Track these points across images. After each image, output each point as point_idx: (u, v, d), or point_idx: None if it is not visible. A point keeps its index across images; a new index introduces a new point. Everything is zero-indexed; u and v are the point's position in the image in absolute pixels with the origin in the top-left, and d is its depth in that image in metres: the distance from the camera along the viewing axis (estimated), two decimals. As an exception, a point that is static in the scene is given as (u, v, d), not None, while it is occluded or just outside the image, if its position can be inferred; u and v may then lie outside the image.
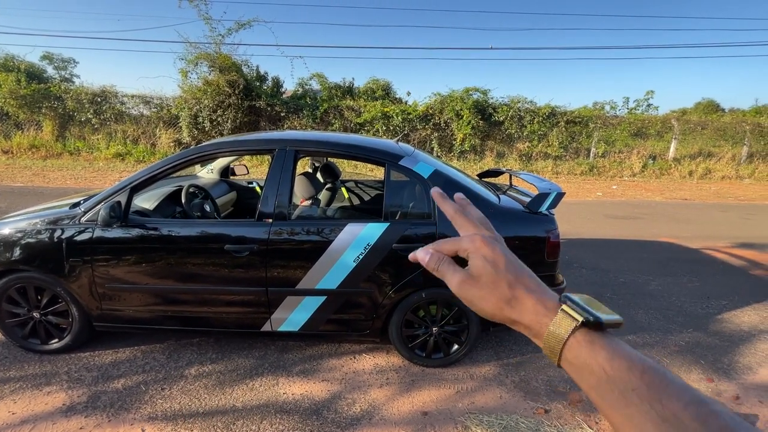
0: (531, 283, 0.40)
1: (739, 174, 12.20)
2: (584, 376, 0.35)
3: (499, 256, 0.41)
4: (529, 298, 0.39)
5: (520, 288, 0.40)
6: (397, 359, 2.60)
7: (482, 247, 0.42)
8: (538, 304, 0.39)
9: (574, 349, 0.35)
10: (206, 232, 2.37)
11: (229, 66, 10.92)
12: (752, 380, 2.51)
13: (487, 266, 0.41)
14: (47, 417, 2.02)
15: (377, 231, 2.30)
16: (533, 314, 0.38)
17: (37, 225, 2.38)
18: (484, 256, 0.41)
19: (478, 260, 0.41)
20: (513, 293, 0.39)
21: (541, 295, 0.39)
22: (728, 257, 4.86)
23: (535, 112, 11.85)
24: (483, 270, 0.41)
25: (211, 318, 2.47)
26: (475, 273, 0.41)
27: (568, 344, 0.36)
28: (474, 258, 0.42)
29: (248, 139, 2.81)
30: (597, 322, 0.35)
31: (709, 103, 26.99)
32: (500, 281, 0.40)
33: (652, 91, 13.12)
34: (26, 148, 10.98)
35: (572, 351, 0.35)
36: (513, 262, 0.42)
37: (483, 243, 0.42)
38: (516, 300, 0.39)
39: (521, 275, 0.41)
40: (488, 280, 0.40)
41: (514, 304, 0.39)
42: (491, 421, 2.10)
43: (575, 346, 0.35)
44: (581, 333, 0.35)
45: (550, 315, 0.38)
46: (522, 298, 0.39)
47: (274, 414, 2.10)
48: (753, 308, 3.50)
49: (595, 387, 0.34)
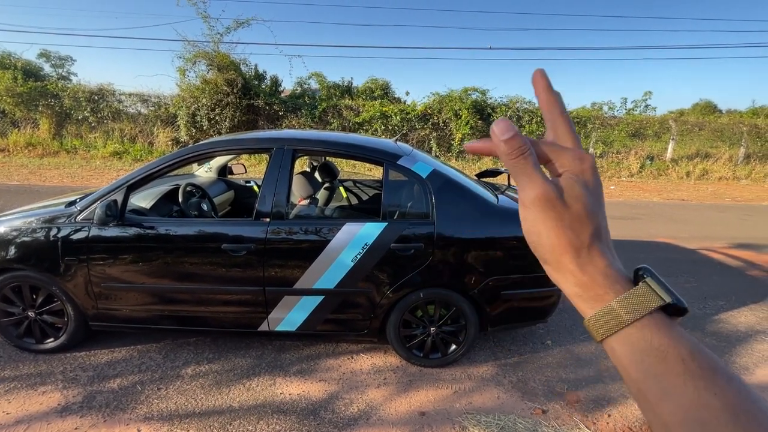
0: (610, 242, 0.34)
1: (736, 175, 12.25)
2: (649, 362, 0.30)
3: (601, 192, 0.34)
4: (603, 258, 0.33)
5: (599, 242, 0.33)
6: (394, 359, 2.60)
7: (588, 171, 0.33)
8: (609, 267, 0.33)
9: (647, 330, 0.30)
10: (203, 231, 2.36)
11: (228, 65, 10.87)
12: (749, 380, 2.52)
13: (589, 198, 0.32)
14: (42, 417, 2.01)
15: (375, 230, 2.29)
16: (602, 275, 0.32)
17: (33, 224, 2.36)
18: (586, 183, 0.33)
19: (580, 186, 0.33)
20: (591, 242, 0.32)
21: (613, 261, 0.33)
22: (725, 258, 4.87)
23: (534, 112, 11.86)
24: (582, 199, 0.32)
25: (208, 317, 2.45)
26: (571, 197, 0.33)
27: (640, 323, 0.31)
28: (574, 180, 0.33)
29: (246, 138, 2.80)
30: (682, 307, 0.31)
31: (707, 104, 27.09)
32: (589, 224, 0.32)
33: (650, 91, 13.18)
34: (23, 146, 10.91)
35: (644, 331, 0.30)
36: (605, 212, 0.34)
37: (591, 167, 0.33)
38: (588, 253, 0.32)
39: (606, 229, 0.34)
40: (581, 213, 0.32)
41: (583, 257, 0.32)
42: (489, 422, 2.09)
43: (649, 327, 0.30)
44: (659, 315, 0.31)
45: (622, 283, 0.32)
46: (594, 255, 0.32)
47: (271, 414, 2.09)
48: (750, 309, 3.51)
49: (660, 376, 0.29)
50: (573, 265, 0.33)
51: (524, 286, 2.43)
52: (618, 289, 0.32)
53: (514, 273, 2.41)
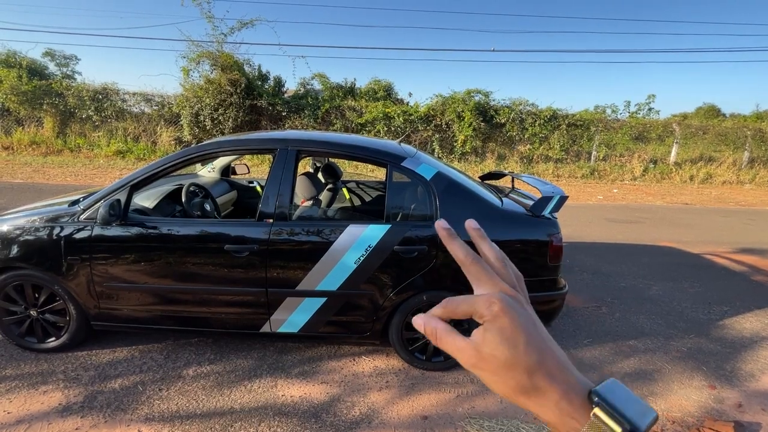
0: (555, 367, 0.33)
1: (740, 179, 12.19)
2: None
3: (518, 332, 0.33)
4: (553, 390, 0.32)
5: (542, 376, 0.33)
6: (397, 362, 2.58)
7: (500, 315, 0.34)
8: (562, 400, 0.32)
9: None
10: (206, 231, 2.35)
11: (231, 65, 10.90)
12: (755, 388, 2.49)
13: (502, 346, 0.33)
14: (43, 417, 2.00)
15: (379, 232, 2.28)
16: (557, 413, 0.32)
17: (36, 222, 2.36)
18: (502, 331, 0.33)
19: (494, 335, 0.33)
20: (533, 382, 0.32)
21: (566, 388, 0.33)
22: (729, 262, 4.84)
23: (537, 114, 11.84)
24: (498, 351, 0.33)
25: (210, 318, 2.45)
26: (488, 352, 0.33)
27: None
28: (489, 330, 0.34)
29: (250, 139, 2.79)
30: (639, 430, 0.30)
31: (710, 108, 26.99)
32: (518, 366, 0.33)
33: (654, 95, 13.13)
34: (27, 144, 10.96)
35: None
36: (535, 336, 0.34)
37: (501, 310, 0.34)
38: (536, 391, 0.33)
39: (544, 357, 0.33)
40: (503, 363, 0.33)
41: (534, 396, 0.33)
42: (492, 426, 2.07)
43: None
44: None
45: (577, 416, 0.32)
46: (544, 390, 0.32)
47: (273, 416, 2.08)
48: (755, 314, 3.48)
49: None
50: (532, 406, 0.33)
51: (528, 289, 2.41)
52: (575, 425, 0.32)
53: (517, 276, 2.38)
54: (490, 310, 0.34)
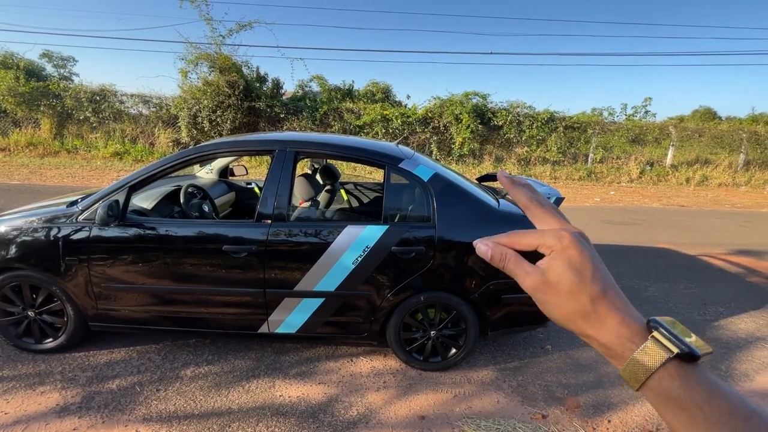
0: (616, 298, 0.36)
1: (735, 181, 12.26)
2: (674, 411, 0.32)
3: (586, 262, 0.35)
4: (613, 316, 0.35)
5: (604, 304, 0.35)
6: (394, 362, 2.59)
7: (570, 247, 0.36)
8: (621, 325, 0.34)
9: (664, 381, 0.32)
10: (204, 232, 2.36)
11: (229, 67, 10.91)
12: (750, 387, 2.52)
13: (569, 273, 0.35)
14: (40, 417, 2.00)
15: (376, 233, 2.30)
16: (615, 335, 0.34)
17: (34, 223, 2.37)
18: (570, 260, 0.35)
19: (561, 263, 0.36)
20: (594, 308, 0.35)
21: (625, 315, 0.35)
22: (725, 264, 4.87)
23: (534, 117, 11.89)
24: (564, 277, 0.35)
25: (208, 319, 2.45)
26: (554, 278, 0.36)
27: (657, 375, 0.33)
28: (557, 259, 0.36)
29: (248, 140, 2.80)
30: (693, 354, 0.32)
31: (706, 111, 27.13)
32: (582, 293, 0.35)
33: (650, 97, 13.23)
34: (24, 145, 10.92)
35: (662, 383, 0.33)
36: (600, 269, 0.36)
37: (572, 243, 0.36)
38: (596, 316, 0.35)
39: (607, 288, 0.35)
40: (569, 288, 0.35)
41: (593, 320, 0.35)
42: (489, 426, 2.09)
43: (666, 378, 0.32)
44: (674, 365, 0.32)
45: (635, 339, 0.34)
46: (604, 316, 0.35)
47: (270, 416, 2.08)
48: (750, 315, 3.51)
49: (687, 424, 0.31)
50: (589, 329, 0.36)
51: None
52: (632, 347, 0.34)
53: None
54: (560, 242, 0.36)
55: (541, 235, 0.38)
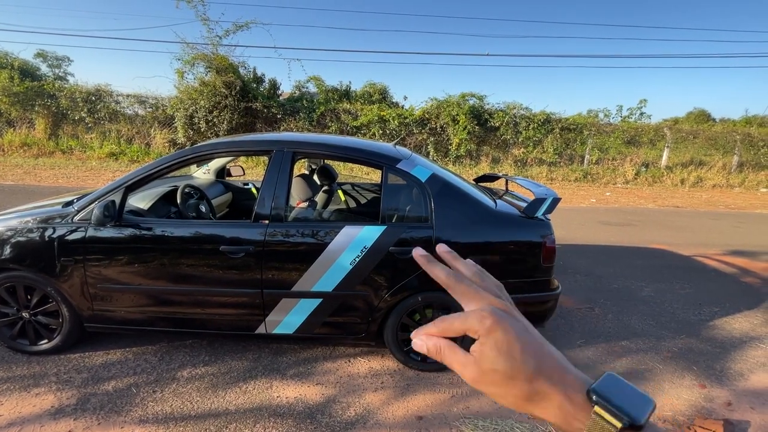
0: (553, 370, 0.34)
1: (729, 183, 12.37)
2: None
3: (512, 342, 0.34)
4: (554, 392, 0.33)
5: (542, 381, 0.34)
6: (392, 363, 2.59)
7: (493, 330, 0.34)
8: (564, 401, 0.33)
9: None
10: (201, 232, 2.35)
11: (226, 67, 10.89)
12: (744, 386, 2.54)
13: (500, 359, 0.34)
14: (35, 419, 1.98)
15: (374, 234, 2.30)
16: (561, 414, 0.33)
17: (29, 223, 2.35)
18: (497, 344, 0.34)
19: (490, 350, 0.34)
20: (534, 388, 0.34)
21: (566, 389, 0.34)
22: (720, 264, 4.91)
23: (531, 118, 11.94)
24: (496, 364, 0.34)
25: (205, 320, 2.44)
26: (487, 366, 0.34)
27: None
28: (485, 345, 0.35)
29: (245, 140, 2.80)
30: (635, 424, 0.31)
31: (701, 113, 27.39)
32: (518, 376, 0.34)
33: (645, 99, 13.31)
34: (18, 146, 10.83)
35: None
36: (530, 343, 0.35)
37: (493, 323, 0.35)
38: (538, 396, 0.34)
39: (542, 362, 0.34)
40: (504, 375, 0.34)
41: (537, 401, 0.34)
42: (486, 426, 2.09)
43: None
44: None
45: (579, 416, 0.33)
46: (546, 393, 0.33)
47: (268, 417, 2.08)
48: (744, 315, 3.53)
49: None
50: (537, 411, 0.34)
51: (522, 290, 2.44)
52: (579, 425, 0.33)
53: (511, 277, 2.42)
54: (482, 325, 0.35)
55: (465, 319, 0.36)
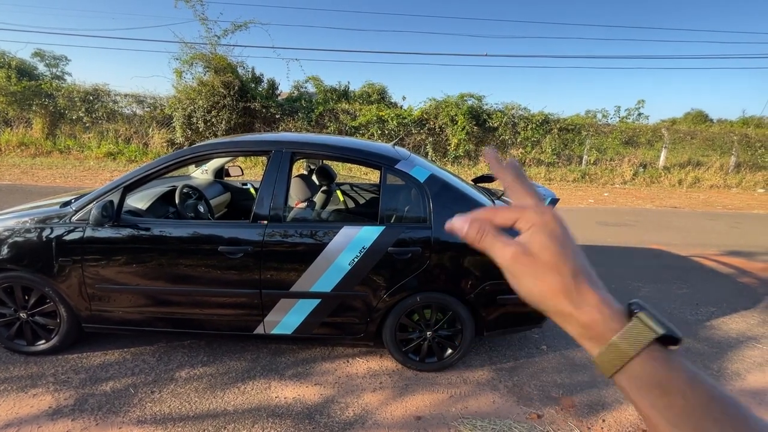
0: (596, 278, 0.35)
1: (727, 183, 12.42)
2: (652, 396, 0.31)
3: (569, 238, 0.35)
4: (594, 294, 0.34)
5: (586, 280, 0.34)
6: (390, 363, 2.59)
7: (552, 222, 0.36)
8: (603, 304, 0.34)
9: (647, 364, 0.32)
10: (200, 233, 2.35)
11: (225, 67, 10.87)
12: (741, 386, 2.55)
13: (553, 245, 0.35)
14: (32, 420, 1.98)
15: (373, 234, 2.30)
16: (597, 314, 0.33)
17: (26, 223, 2.34)
18: (553, 233, 0.35)
19: (544, 236, 0.35)
20: (576, 284, 0.34)
21: (606, 295, 0.34)
22: (717, 265, 4.93)
23: (529, 119, 11.97)
24: (548, 248, 0.35)
25: (204, 320, 2.44)
26: (537, 249, 0.35)
27: (640, 357, 0.32)
28: (538, 233, 0.35)
29: (244, 140, 2.80)
30: (676, 337, 0.32)
31: (698, 114, 27.49)
32: (565, 266, 0.34)
33: (643, 100, 13.37)
34: (15, 145, 10.79)
35: (644, 366, 0.32)
36: (579, 250, 0.36)
37: (554, 217, 0.36)
38: (578, 292, 0.34)
39: (588, 267, 0.35)
40: (551, 260, 0.34)
41: (574, 297, 0.34)
42: (484, 426, 2.09)
43: (649, 362, 0.32)
44: (657, 348, 0.32)
45: (617, 319, 0.33)
46: (585, 293, 0.34)
47: (266, 418, 2.07)
48: (741, 315, 3.55)
49: (664, 410, 0.31)
50: (569, 307, 0.34)
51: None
52: (614, 327, 0.33)
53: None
54: (542, 217, 0.36)
55: (522, 210, 0.37)
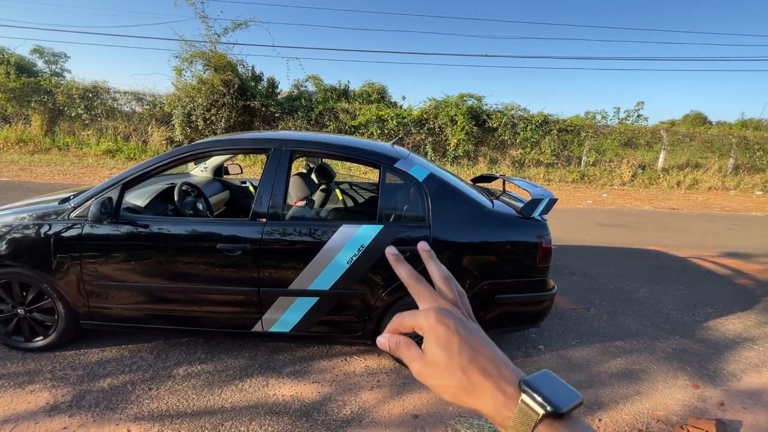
0: (488, 363, 0.36)
1: (725, 185, 12.46)
2: None
3: (451, 336, 0.37)
4: (487, 383, 0.35)
5: (476, 372, 0.36)
6: (388, 362, 2.60)
7: (435, 326, 0.37)
8: (496, 391, 0.35)
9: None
10: (198, 230, 2.35)
11: (225, 65, 10.86)
12: (736, 387, 2.56)
13: (438, 351, 0.37)
14: (30, 416, 1.98)
15: (371, 233, 2.30)
16: (493, 404, 0.35)
17: (25, 220, 2.34)
18: (437, 338, 0.37)
19: (432, 343, 0.37)
20: (468, 379, 0.36)
21: (498, 379, 0.35)
22: (714, 266, 4.95)
23: (529, 119, 11.99)
24: (436, 355, 0.37)
25: (202, 317, 2.44)
26: (430, 358, 0.37)
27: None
28: (429, 340, 0.38)
29: (243, 138, 2.80)
30: (557, 412, 0.33)
31: (697, 116, 27.57)
32: (453, 366, 0.36)
33: (642, 102, 13.43)
34: (13, 142, 10.77)
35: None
36: (468, 339, 0.37)
37: (436, 320, 0.38)
38: (473, 387, 0.35)
39: (476, 355, 0.36)
40: (442, 365, 0.37)
41: (472, 391, 0.36)
42: (481, 425, 2.10)
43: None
44: (544, 425, 0.33)
45: (509, 405, 0.34)
46: (479, 384, 0.35)
47: (264, 415, 2.08)
48: (738, 316, 3.56)
49: None
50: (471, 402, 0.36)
51: (518, 290, 2.46)
52: (508, 414, 0.34)
53: (508, 277, 2.43)
54: (427, 322, 0.38)
55: (415, 317, 0.40)
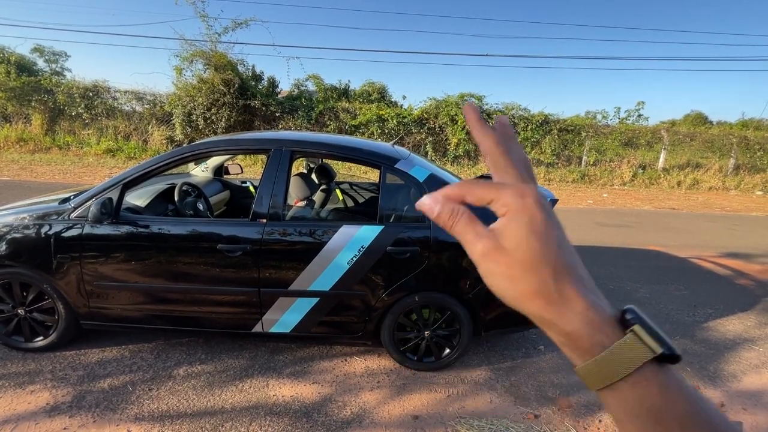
0: (585, 277, 0.29)
1: (725, 185, 12.45)
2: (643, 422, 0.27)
3: (551, 229, 0.29)
4: (580, 298, 0.28)
5: (570, 282, 0.28)
6: (388, 362, 2.60)
7: (533, 208, 0.29)
8: (590, 310, 0.28)
9: (639, 386, 0.27)
10: (199, 230, 2.35)
11: (225, 64, 10.85)
12: (737, 387, 2.56)
13: (530, 240, 0.28)
14: (30, 417, 1.98)
15: (372, 233, 2.30)
16: (582, 323, 0.28)
17: (25, 220, 2.34)
18: (532, 224, 0.28)
19: (521, 227, 0.29)
20: (558, 286, 0.28)
21: (595, 299, 0.29)
22: (715, 266, 4.94)
23: (529, 119, 11.98)
24: (524, 243, 0.28)
25: (202, 318, 2.44)
26: (510, 244, 0.29)
27: (632, 378, 0.27)
28: (515, 221, 0.29)
29: (244, 139, 2.79)
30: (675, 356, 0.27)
31: (698, 116, 27.57)
32: (544, 265, 0.28)
33: (643, 102, 13.46)
34: (14, 141, 10.77)
35: (636, 388, 0.27)
36: (566, 241, 0.30)
37: (535, 203, 0.29)
38: (560, 296, 0.28)
39: (574, 263, 0.29)
40: (527, 258, 0.28)
41: (555, 301, 0.28)
42: (482, 426, 2.10)
43: (642, 384, 0.27)
44: (652, 368, 0.27)
45: (607, 331, 0.28)
46: (569, 297, 0.28)
47: (264, 416, 2.08)
48: (738, 317, 3.56)
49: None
50: (548, 312, 0.29)
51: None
52: (603, 340, 0.28)
53: (508, 278, 2.42)
54: (521, 200, 0.29)
55: (499, 189, 0.30)
